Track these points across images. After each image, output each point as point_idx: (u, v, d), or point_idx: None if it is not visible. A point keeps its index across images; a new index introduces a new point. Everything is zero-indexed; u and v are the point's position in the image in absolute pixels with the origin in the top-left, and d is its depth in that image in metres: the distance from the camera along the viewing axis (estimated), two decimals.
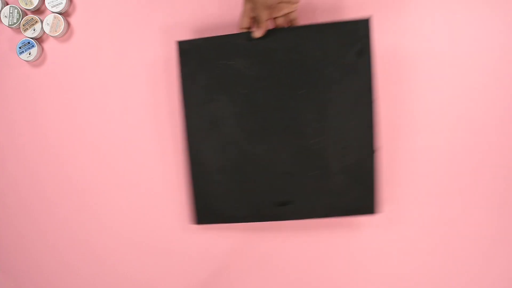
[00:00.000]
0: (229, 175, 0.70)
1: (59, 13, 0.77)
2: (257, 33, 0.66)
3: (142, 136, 0.76)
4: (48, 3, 0.76)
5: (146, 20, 0.76)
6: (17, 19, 0.76)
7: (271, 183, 0.69)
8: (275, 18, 0.68)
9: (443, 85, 0.72)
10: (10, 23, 0.76)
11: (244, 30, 0.68)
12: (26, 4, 0.76)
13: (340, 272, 0.74)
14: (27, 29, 0.76)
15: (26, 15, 0.78)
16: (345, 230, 0.74)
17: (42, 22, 0.76)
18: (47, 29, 0.76)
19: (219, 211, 0.71)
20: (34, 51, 0.76)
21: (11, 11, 0.76)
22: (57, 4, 0.76)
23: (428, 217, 0.72)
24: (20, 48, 0.76)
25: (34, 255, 0.78)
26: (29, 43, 0.76)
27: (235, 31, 0.70)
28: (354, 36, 0.66)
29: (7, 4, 0.77)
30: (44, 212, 0.78)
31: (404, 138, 0.73)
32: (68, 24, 0.77)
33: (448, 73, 0.72)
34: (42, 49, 0.78)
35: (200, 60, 0.69)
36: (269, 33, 0.67)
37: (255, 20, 0.66)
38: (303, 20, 0.73)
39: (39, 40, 0.78)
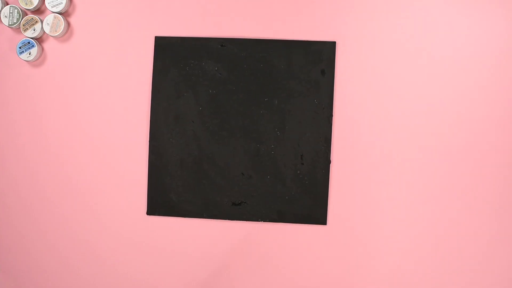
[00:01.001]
0: (187, 170, 0.73)
1: (59, 13, 0.77)
2: None
3: (142, 136, 0.76)
4: (48, 3, 0.76)
5: (146, 20, 0.76)
6: (17, 19, 0.76)
7: (227, 182, 0.72)
8: None
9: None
10: (10, 23, 0.76)
11: None
12: (26, 4, 0.76)
13: (341, 272, 0.74)
14: (27, 29, 0.76)
15: (26, 15, 0.78)
16: (346, 233, 0.74)
17: (42, 22, 0.76)
18: (47, 29, 0.76)
19: (172, 204, 0.74)
20: (34, 51, 0.76)
21: (11, 11, 0.76)
22: (57, 4, 0.76)
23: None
24: (20, 48, 0.76)
25: (34, 255, 0.78)
26: (29, 43, 0.76)
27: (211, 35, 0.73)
28: (320, 56, 0.70)
29: (7, 4, 0.77)
30: (44, 212, 0.78)
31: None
32: (68, 24, 0.77)
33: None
34: (42, 49, 0.78)
35: (174, 57, 0.72)
36: (241, 42, 0.71)
37: None
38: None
39: (39, 40, 0.78)
